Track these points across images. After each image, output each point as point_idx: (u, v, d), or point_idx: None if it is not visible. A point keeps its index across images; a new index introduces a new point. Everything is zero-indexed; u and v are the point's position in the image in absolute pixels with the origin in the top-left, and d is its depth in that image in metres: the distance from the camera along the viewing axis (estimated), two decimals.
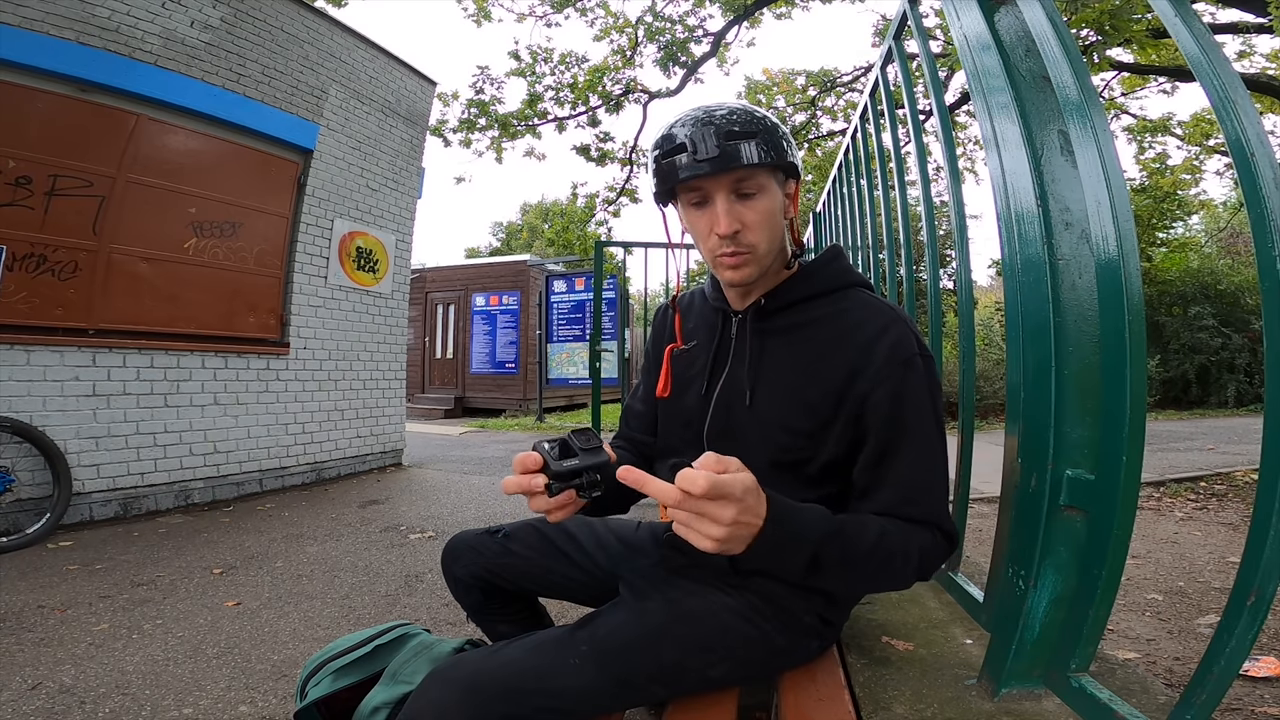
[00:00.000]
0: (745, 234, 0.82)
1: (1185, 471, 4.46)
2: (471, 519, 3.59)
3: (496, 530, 1.10)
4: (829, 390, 0.83)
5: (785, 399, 0.86)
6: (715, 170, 0.77)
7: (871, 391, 0.80)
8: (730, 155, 0.77)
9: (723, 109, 0.80)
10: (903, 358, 0.80)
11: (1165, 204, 10.49)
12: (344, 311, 5.01)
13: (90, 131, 3.51)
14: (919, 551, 0.77)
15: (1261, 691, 1.55)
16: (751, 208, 0.81)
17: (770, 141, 0.79)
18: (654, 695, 0.83)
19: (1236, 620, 0.62)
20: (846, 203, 2.61)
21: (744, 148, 0.77)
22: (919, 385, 0.81)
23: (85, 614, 2.13)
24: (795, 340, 0.88)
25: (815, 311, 0.88)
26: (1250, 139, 0.63)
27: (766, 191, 0.81)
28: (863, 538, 0.73)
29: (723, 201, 0.80)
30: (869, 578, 0.79)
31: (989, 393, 8.41)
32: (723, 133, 0.77)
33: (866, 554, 0.73)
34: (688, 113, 0.81)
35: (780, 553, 0.68)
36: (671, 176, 0.81)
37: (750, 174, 0.79)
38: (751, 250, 0.83)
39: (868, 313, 0.85)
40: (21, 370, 3.22)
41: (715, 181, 0.80)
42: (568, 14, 8.01)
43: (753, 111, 0.81)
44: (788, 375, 0.87)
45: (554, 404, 11.02)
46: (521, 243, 28.41)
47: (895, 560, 0.75)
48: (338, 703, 0.95)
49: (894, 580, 0.80)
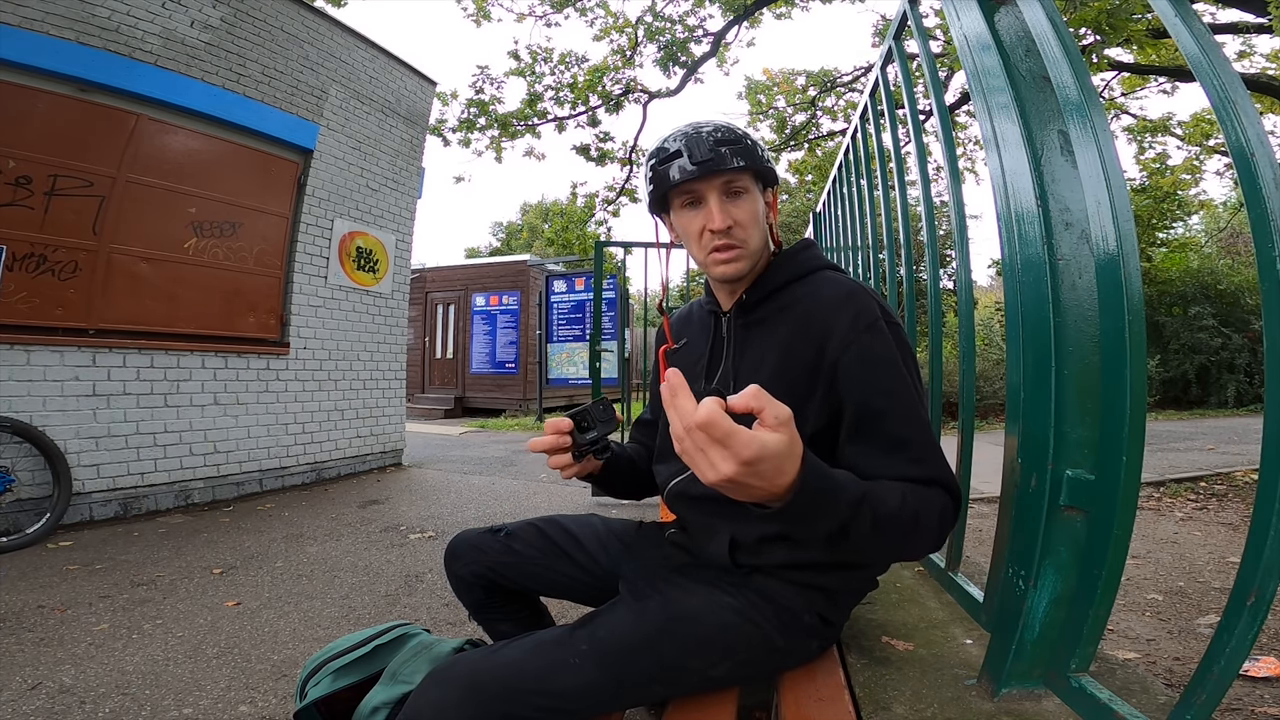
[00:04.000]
0: (737, 229, 0.89)
1: (1185, 471, 4.46)
2: (471, 519, 3.59)
3: (498, 529, 1.11)
4: (804, 364, 0.86)
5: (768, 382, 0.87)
6: (708, 172, 0.86)
7: (840, 357, 0.83)
8: (721, 158, 0.86)
9: (710, 124, 0.90)
10: (865, 322, 0.83)
11: (1165, 204, 10.48)
12: (344, 311, 5.01)
13: (90, 131, 3.51)
14: (939, 513, 0.76)
15: (1261, 691, 1.55)
16: (741, 206, 0.90)
17: (752, 152, 0.89)
18: (654, 695, 0.83)
19: (1236, 620, 0.62)
20: (847, 203, 2.60)
21: (732, 153, 0.87)
22: (886, 346, 0.83)
23: (85, 614, 2.13)
24: (773, 326, 0.93)
25: (789, 297, 0.93)
26: (1250, 139, 0.63)
27: (751, 193, 0.91)
28: (888, 502, 0.71)
29: (716, 199, 0.89)
30: (894, 546, 0.77)
31: (989, 393, 8.41)
32: (713, 140, 0.87)
33: (893, 517, 0.71)
34: (679, 128, 0.91)
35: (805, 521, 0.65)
36: (666, 181, 0.89)
37: (738, 175, 0.89)
38: (743, 245, 0.90)
39: (831, 288, 0.89)
40: (21, 370, 3.22)
41: (708, 183, 0.88)
42: (567, 14, 8.00)
43: (735, 127, 0.91)
44: (769, 359, 0.91)
45: (554, 404, 11.01)
46: (521, 243, 28.41)
47: (920, 523, 0.74)
48: (338, 703, 0.95)
49: (917, 546, 0.78)
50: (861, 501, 0.68)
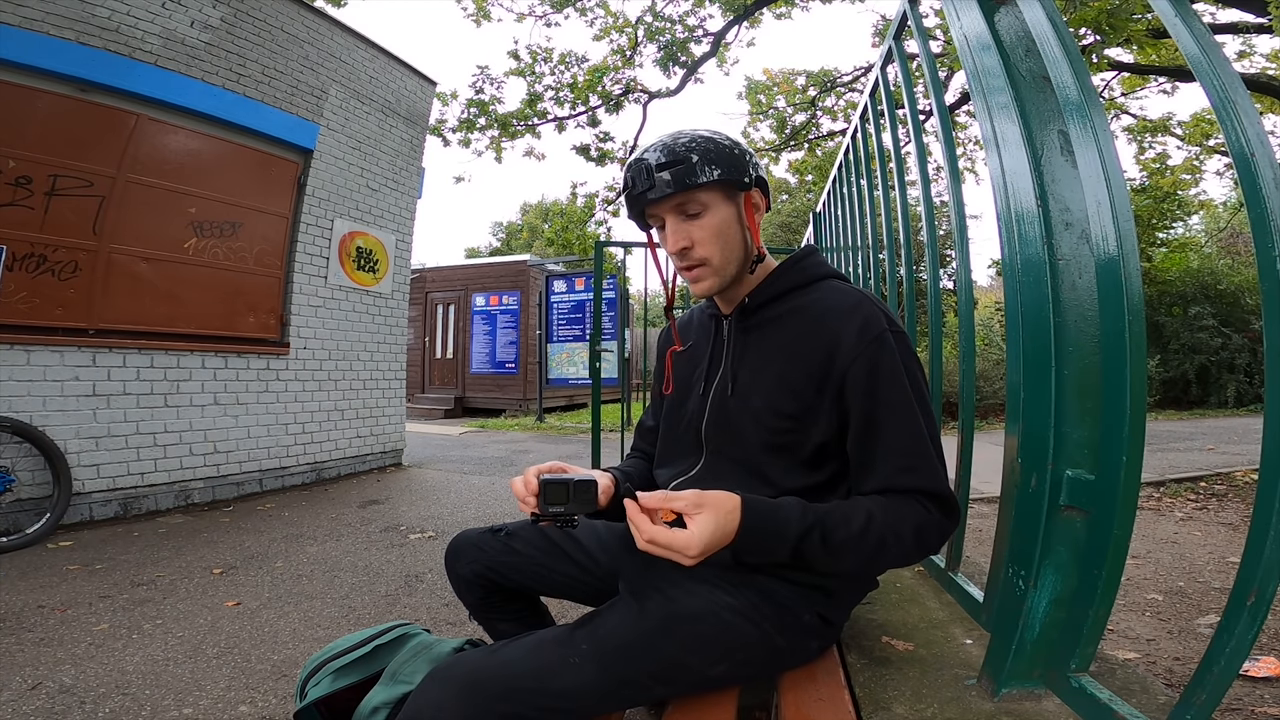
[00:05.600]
0: (695, 249, 0.89)
1: (1185, 471, 4.46)
2: (471, 519, 3.59)
3: (499, 529, 1.12)
4: (809, 373, 0.87)
5: (770, 385, 0.91)
6: (655, 199, 0.87)
7: (848, 369, 0.84)
8: (664, 184, 0.85)
9: (658, 143, 0.87)
10: (873, 334, 0.84)
11: (1165, 204, 10.48)
12: (344, 311, 5.01)
13: (90, 131, 3.51)
14: (913, 530, 0.80)
15: (1261, 691, 1.55)
16: (699, 225, 0.88)
17: (712, 161, 0.85)
18: (654, 694, 0.83)
19: (1236, 620, 0.62)
20: (846, 203, 2.60)
21: (677, 174, 0.85)
22: (892, 358, 0.84)
23: (85, 614, 2.13)
24: (775, 331, 0.93)
25: (791, 304, 0.94)
26: (1250, 139, 0.63)
27: (711, 208, 0.88)
28: (847, 526, 0.77)
29: (671, 223, 0.89)
30: (865, 562, 0.81)
31: (989, 393, 8.41)
32: (654, 166, 0.85)
33: (853, 540, 0.77)
34: (639, 149, 0.90)
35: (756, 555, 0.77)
36: (632, 208, 0.91)
37: (689, 196, 0.87)
38: (705, 263, 0.90)
39: (837, 297, 0.90)
40: (21, 370, 3.22)
41: (660, 207, 0.89)
42: (567, 14, 8.00)
43: (693, 137, 0.87)
44: (770, 363, 0.91)
45: (554, 404, 11.02)
46: (521, 243, 28.41)
47: (887, 543, 0.79)
48: (338, 703, 0.95)
49: (890, 561, 0.84)
50: (809, 531, 0.76)
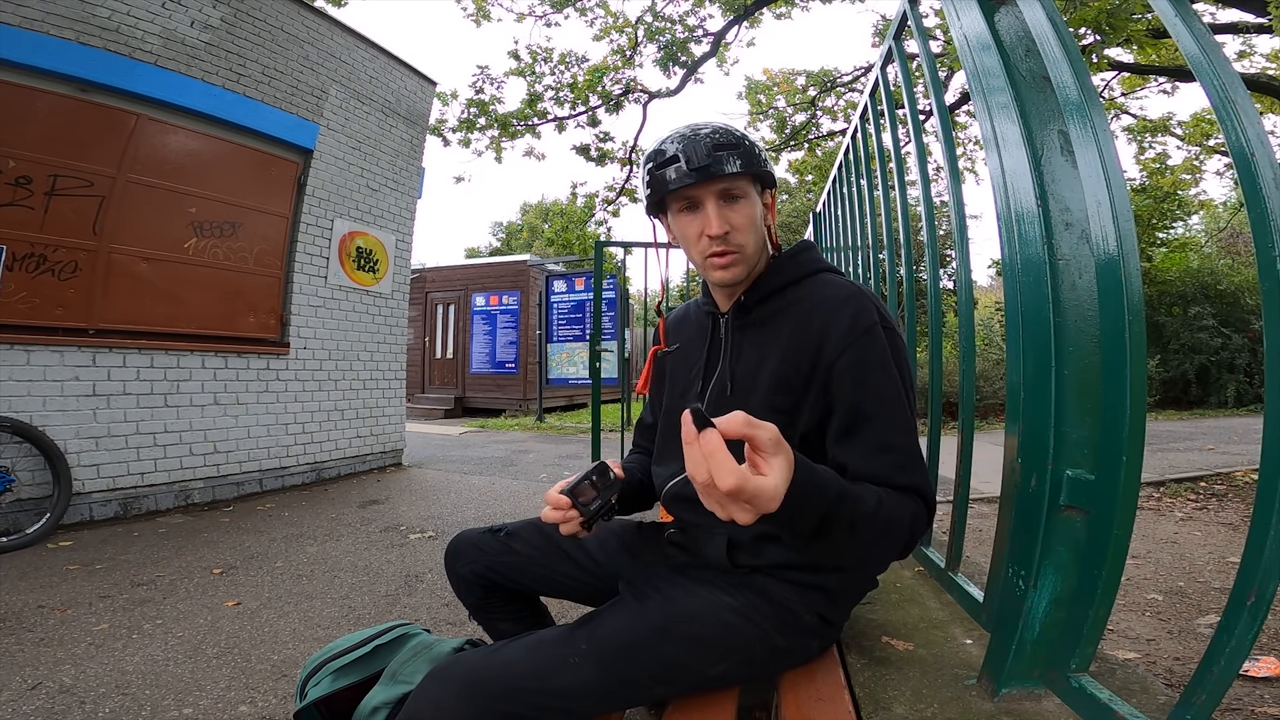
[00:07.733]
0: (734, 234, 0.89)
1: (1185, 471, 4.46)
2: (471, 519, 3.59)
3: (499, 529, 1.12)
4: (800, 365, 0.87)
5: (767, 382, 0.90)
6: (705, 178, 0.86)
7: (836, 360, 0.84)
8: (719, 163, 0.86)
9: (708, 126, 0.89)
10: (863, 327, 0.84)
11: (1165, 204, 10.49)
12: (344, 311, 5.01)
13: (90, 131, 3.51)
14: (910, 521, 0.78)
15: (1261, 691, 1.55)
16: (738, 211, 0.89)
17: (750, 155, 0.88)
18: (654, 694, 0.83)
19: (1236, 620, 0.62)
20: (846, 203, 2.60)
21: (729, 158, 0.86)
22: (881, 352, 0.83)
23: (85, 614, 2.13)
24: (771, 328, 0.93)
25: (787, 299, 0.93)
26: (1250, 139, 0.62)
27: (749, 198, 0.90)
28: (864, 502, 0.72)
29: (713, 205, 0.88)
30: (870, 545, 0.76)
31: (989, 393, 8.40)
32: (711, 145, 0.86)
33: (868, 517, 0.72)
34: (677, 130, 0.90)
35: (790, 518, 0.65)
36: (663, 186, 0.89)
37: (735, 181, 0.88)
38: (740, 250, 0.90)
39: (830, 291, 0.89)
40: (21, 370, 3.22)
41: (705, 189, 0.88)
42: (567, 14, 7.99)
43: (733, 130, 0.90)
44: (766, 361, 0.91)
45: (554, 404, 11.02)
46: (521, 243, 28.40)
47: (891, 528, 0.75)
48: (338, 703, 0.95)
49: (888, 549, 0.78)
50: (842, 499, 0.69)
